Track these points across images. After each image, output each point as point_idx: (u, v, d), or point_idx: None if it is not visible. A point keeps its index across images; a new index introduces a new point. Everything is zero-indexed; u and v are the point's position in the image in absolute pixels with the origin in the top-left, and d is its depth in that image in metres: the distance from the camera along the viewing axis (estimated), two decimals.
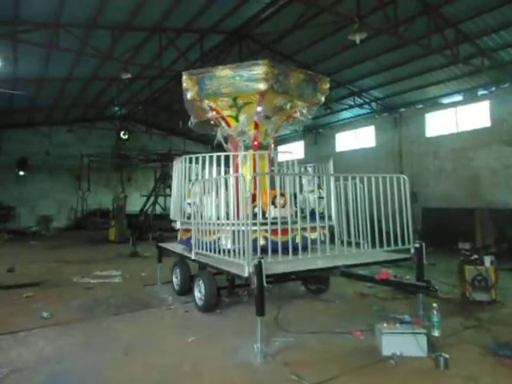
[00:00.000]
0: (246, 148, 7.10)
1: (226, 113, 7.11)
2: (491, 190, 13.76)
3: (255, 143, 7.10)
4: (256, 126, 7.05)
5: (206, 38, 13.06)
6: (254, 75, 6.26)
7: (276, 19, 11.80)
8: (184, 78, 6.99)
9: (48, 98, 18.37)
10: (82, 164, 22.48)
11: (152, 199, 19.95)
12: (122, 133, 22.01)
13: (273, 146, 7.54)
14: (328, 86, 7.31)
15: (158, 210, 19.99)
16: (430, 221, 13.87)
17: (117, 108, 21.86)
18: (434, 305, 4.66)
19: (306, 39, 13.02)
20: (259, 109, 6.83)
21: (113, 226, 16.95)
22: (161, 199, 20.20)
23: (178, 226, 7.37)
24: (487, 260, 6.26)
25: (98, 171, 22.53)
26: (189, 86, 6.96)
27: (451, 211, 13.57)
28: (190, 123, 7.68)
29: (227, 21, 12.16)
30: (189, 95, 7.00)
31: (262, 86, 6.28)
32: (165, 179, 19.74)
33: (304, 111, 7.29)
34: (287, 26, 11.65)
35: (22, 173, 22.33)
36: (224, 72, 6.57)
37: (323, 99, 7.44)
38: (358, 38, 9.38)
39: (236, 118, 7.09)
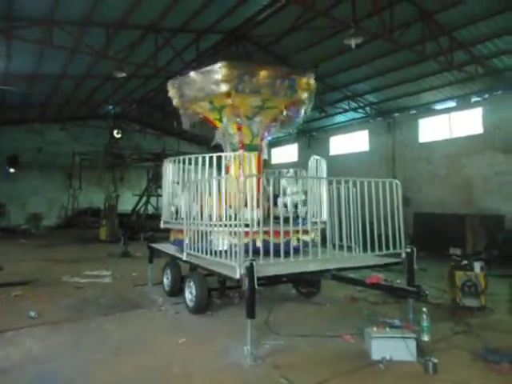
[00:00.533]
0: (234, 149, 7.14)
1: (210, 116, 7.18)
2: (483, 196, 13.90)
3: (240, 145, 7.15)
4: (239, 127, 7.07)
5: (202, 38, 13.03)
6: (216, 78, 6.33)
7: (273, 21, 11.84)
8: (168, 87, 7.33)
9: (41, 95, 18.20)
10: (73, 162, 22.29)
11: (144, 199, 19.83)
12: (116, 131, 21.90)
13: (264, 147, 7.51)
14: (309, 81, 7.08)
15: (151, 209, 19.87)
16: (422, 226, 13.96)
17: (110, 106, 21.71)
18: (424, 309, 4.67)
19: (303, 42, 13.05)
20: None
21: (104, 225, 16.83)
22: (153, 199, 20.09)
23: (165, 225, 7.38)
24: (477, 266, 6.30)
25: (90, 170, 22.34)
26: (173, 93, 7.29)
27: (443, 217, 13.68)
28: (185, 126, 7.71)
29: (224, 21, 12.16)
30: (174, 102, 7.37)
31: (224, 88, 6.33)
32: (157, 179, 19.63)
33: (286, 111, 7.26)
34: (284, 28, 11.68)
35: (12, 170, 22.05)
36: (195, 77, 6.71)
37: (306, 96, 7.15)
38: (353, 42, 9.44)
39: (220, 120, 7.15)
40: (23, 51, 12.53)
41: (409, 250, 5.56)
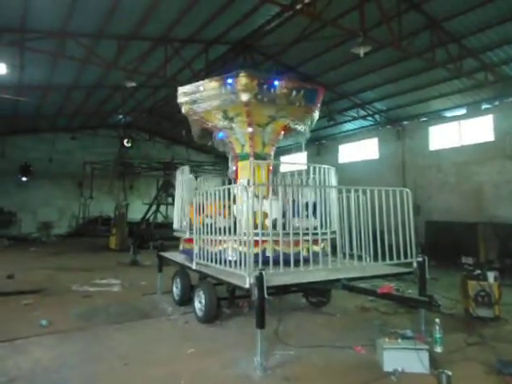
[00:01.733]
0: (243, 158, 7.14)
1: (220, 124, 7.17)
2: (494, 204, 13.70)
3: (251, 153, 7.14)
4: (250, 136, 7.08)
5: (210, 48, 13.16)
6: (237, 87, 6.32)
7: (281, 31, 11.90)
8: (179, 93, 7.23)
9: (53, 105, 18.48)
10: (84, 171, 22.55)
11: (154, 207, 19.95)
12: (126, 141, 22.11)
13: (272, 156, 7.51)
14: (323, 92, 7.20)
15: (160, 218, 19.97)
16: (434, 234, 13.80)
17: (120, 116, 21.97)
18: (437, 320, 4.60)
19: (310, 51, 13.11)
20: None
21: (114, 233, 16.93)
22: (163, 208, 20.19)
23: (176, 234, 7.42)
24: (490, 275, 6.19)
25: (101, 178, 22.57)
26: (183, 100, 7.19)
27: (454, 225, 13.49)
28: (193, 136, 7.74)
29: (232, 32, 12.28)
30: (183, 109, 7.26)
31: (244, 97, 6.33)
32: (167, 188, 19.76)
33: (297, 123, 7.28)
34: (291, 38, 11.74)
35: (24, 179, 22.34)
36: (211, 85, 6.69)
37: (318, 108, 7.26)
38: (361, 51, 9.42)
39: (230, 129, 7.16)
40: (36, 62, 12.77)
41: (420, 259, 5.49)
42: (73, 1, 9.57)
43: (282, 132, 7.56)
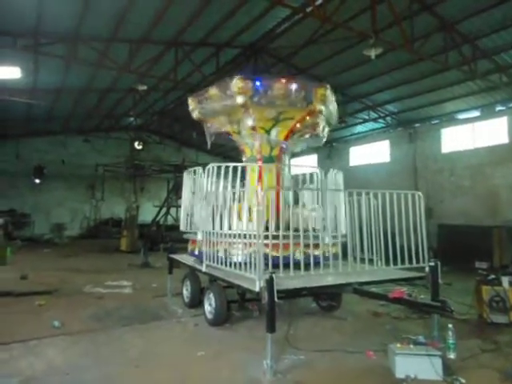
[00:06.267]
0: (252, 161, 7.19)
1: (229, 129, 7.25)
2: (510, 207, 13.47)
3: (258, 156, 7.22)
4: (256, 140, 7.16)
5: (221, 51, 13.22)
6: (232, 91, 6.43)
7: (291, 34, 11.91)
8: (189, 100, 7.50)
9: (65, 108, 18.72)
10: (96, 173, 22.79)
11: (164, 210, 20.05)
12: (137, 143, 22.31)
13: (282, 158, 7.51)
14: (325, 92, 6.94)
15: (170, 220, 20.06)
16: (446, 238, 13.61)
17: (132, 118, 22.18)
18: (450, 326, 4.52)
19: (321, 53, 13.08)
20: (283, 145, 7.15)
21: (124, 235, 17.06)
22: (173, 210, 20.29)
23: (185, 236, 7.47)
24: (505, 280, 6.08)
25: (112, 180, 22.80)
26: (193, 107, 7.44)
27: (468, 228, 13.29)
28: (207, 141, 7.83)
29: (243, 35, 12.32)
30: (194, 115, 7.53)
31: (239, 100, 6.40)
32: (177, 190, 19.84)
33: (305, 125, 7.25)
34: (302, 40, 11.75)
35: (37, 181, 22.65)
36: (213, 91, 6.85)
37: (322, 107, 7.00)
38: (373, 53, 9.39)
39: (239, 133, 7.25)
40: (49, 66, 12.98)
41: (432, 263, 5.41)
42: (86, 5, 9.71)
43: (292, 135, 7.55)
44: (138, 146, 22.32)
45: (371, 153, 19.51)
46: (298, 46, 12.31)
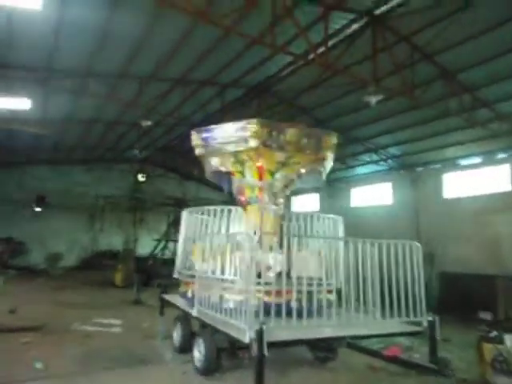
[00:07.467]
0: (252, 203, 7.11)
1: (232, 168, 7.21)
2: None
3: (260, 198, 7.11)
4: (259, 181, 7.08)
5: (226, 91, 13.49)
6: (247, 133, 6.44)
7: (294, 78, 12.15)
8: (192, 136, 7.37)
9: (71, 138, 18.92)
10: (97, 204, 22.76)
11: (162, 243, 19.86)
12: (140, 175, 22.42)
13: (282, 201, 7.44)
14: (334, 141, 7.18)
15: (168, 254, 19.78)
16: (448, 286, 13.27)
17: (136, 151, 22.38)
18: None
19: (323, 97, 13.29)
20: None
21: (119, 269, 16.76)
22: (171, 244, 20.07)
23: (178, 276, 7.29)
24: (508, 339, 5.77)
25: (112, 212, 22.72)
26: (196, 143, 7.32)
27: (470, 277, 12.96)
28: (207, 175, 7.79)
29: (247, 77, 12.60)
30: (197, 152, 7.38)
31: (253, 144, 6.41)
32: (177, 224, 19.70)
33: (309, 170, 7.25)
34: (305, 84, 11.98)
35: (38, 209, 22.54)
36: (225, 129, 6.83)
37: (330, 155, 7.22)
38: (373, 100, 9.51)
39: (242, 173, 7.17)
40: (59, 98, 13.25)
41: (431, 318, 5.21)
42: (101, 43, 9.97)
43: (295, 177, 7.54)
44: (141, 178, 22.43)
45: (373, 194, 19.46)
46: (300, 89, 12.55)
